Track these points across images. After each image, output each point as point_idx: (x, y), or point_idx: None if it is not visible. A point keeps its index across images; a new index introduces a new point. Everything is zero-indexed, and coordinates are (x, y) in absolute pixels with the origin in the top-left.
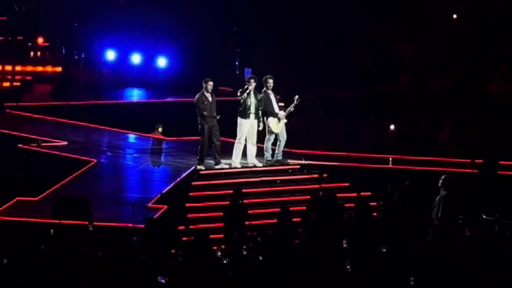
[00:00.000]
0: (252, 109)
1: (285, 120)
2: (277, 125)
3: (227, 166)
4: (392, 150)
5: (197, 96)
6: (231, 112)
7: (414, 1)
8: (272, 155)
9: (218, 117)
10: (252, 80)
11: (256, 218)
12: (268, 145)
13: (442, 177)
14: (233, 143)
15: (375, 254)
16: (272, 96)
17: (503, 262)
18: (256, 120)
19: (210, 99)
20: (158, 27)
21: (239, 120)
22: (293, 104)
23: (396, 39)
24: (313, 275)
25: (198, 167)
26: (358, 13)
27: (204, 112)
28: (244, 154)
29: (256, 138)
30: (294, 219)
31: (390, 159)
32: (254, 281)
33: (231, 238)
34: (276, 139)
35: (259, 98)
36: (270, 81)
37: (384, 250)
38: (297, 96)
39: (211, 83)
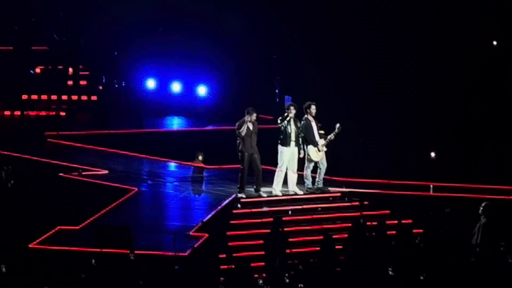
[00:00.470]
0: (293, 137)
1: (325, 149)
2: (317, 154)
3: (267, 194)
4: (433, 177)
5: (238, 124)
6: (271, 140)
7: (454, 25)
8: (313, 183)
9: None
10: (292, 108)
11: (297, 246)
12: (308, 172)
13: (483, 204)
14: (274, 171)
15: (417, 281)
16: (313, 124)
17: None
18: (296, 148)
19: (251, 128)
20: (198, 56)
21: (280, 148)
22: (334, 132)
23: (436, 65)
24: None
25: (239, 195)
26: (396, 39)
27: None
28: (285, 182)
29: (296, 165)
30: (336, 247)
31: (431, 186)
32: None
33: (272, 266)
34: (316, 167)
35: (299, 125)
36: (313, 107)
37: (422, 277)
38: (338, 125)
39: (255, 114)
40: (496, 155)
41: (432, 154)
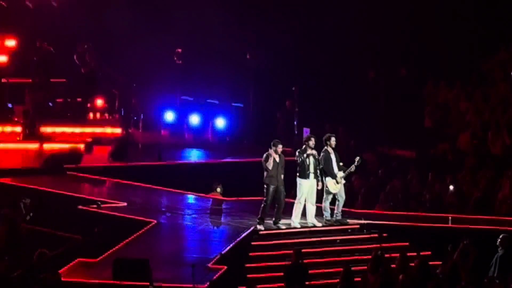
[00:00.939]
0: (311, 169)
1: (344, 181)
2: (335, 186)
3: (285, 227)
4: (452, 209)
5: (265, 156)
6: (290, 172)
7: (472, 59)
8: (332, 215)
9: None
10: (310, 141)
11: (316, 278)
12: (326, 204)
13: (501, 236)
14: (293, 203)
15: None
16: (333, 156)
17: None
18: (315, 180)
19: (278, 160)
20: (217, 88)
21: (299, 180)
22: (353, 165)
23: (455, 97)
24: None
25: (258, 227)
26: (413, 72)
27: (271, 173)
28: (304, 214)
29: (315, 197)
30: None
31: (450, 218)
32: None
33: None
34: (334, 199)
35: (317, 157)
36: (333, 139)
37: None
38: (358, 158)
39: (280, 146)
40: None
41: (451, 187)
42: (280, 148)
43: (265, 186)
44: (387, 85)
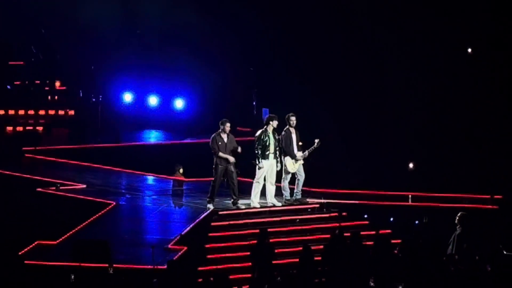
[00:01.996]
0: (271, 149)
1: (302, 162)
2: (293, 165)
3: (244, 207)
4: (412, 187)
5: (212, 136)
6: (249, 152)
7: (428, 35)
8: (292, 194)
9: (239, 149)
10: (273, 121)
11: (277, 258)
12: (285, 184)
13: (459, 214)
14: (252, 183)
15: None
16: (293, 135)
17: None
18: (275, 160)
19: (225, 140)
20: (176, 68)
21: (258, 160)
22: (312, 147)
23: (414, 76)
24: None
25: (208, 205)
26: (376, 51)
27: (220, 153)
28: (263, 194)
29: (275, 177)
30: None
31: (410, 196)
32: None
33: (252, 278)
34: (294, 178)
35: (277, 137)
36: (293, 118)
37: (400, 287)
38: (317, 140)
39: (228, 124)
40: (473, 165)
41: (410, 165)
42: (228, 126)
43: (213, 166)
44: (344, 61)
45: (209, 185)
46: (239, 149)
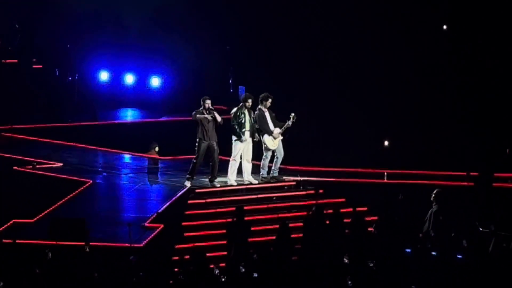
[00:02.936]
0: (247, 127)
1: (281, 137)
2: (273, 142)
3: (219, 185)
4: (387, 164)
5: (194, 113)
6: (225, 130)
7: (404, 13)
8: (268, 172)
9: (219, 119)
10: (249, 100)
11: (253, 235)
12: (265, 162)
13: (434, 191)
14: (228, 160)
15: (370, 269)
16: (267, 114)
17: (500, 274)
18: (250, 138)
19: (208, 117)
20: (152, 47)
21: (234, 138)
22: (288, 122)
23: (389, 53)
24: None
25: (186, 183)
26: (350, 29)
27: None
28: (240, 172)
29: (251, 155)
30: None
31: (385, 173)
32: None
33: (229, 255)
34: (273, 156)
35: (253, 116)
36: (269, 100)
37: (371, 264)
38: (293, 114)
39: (208, 101)
40: (448, 142)
41: (386, 142)
42: (208, 102)
43: (197, 141)
44: (319, 40)
45: (185, 163)
46: (219, 119)
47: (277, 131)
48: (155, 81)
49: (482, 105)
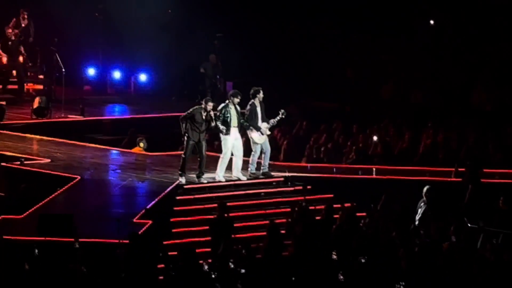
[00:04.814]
0: (234, 123)
1: (268, 132)
2: (260, 137)
3: (206, 181)
4: (376, 160)
5: (190, 111)
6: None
7: (394, 9)
8: (258, 168)
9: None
10: (238, 96)
11: (241, 232)
12: (254, 158)
13: (425, 188)
14: (219, 157)
15: (361, 264)
16: (259, 109)
17: (488, 270)
18: (239, 134)
19: (204, 116)
20: (139, 43)
21: (222, 136)
22: (277, 118)
23: (377, 49)
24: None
25: (180, 179)
26: (337, 24)
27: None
28: (229, 168)
29: (242, 151)
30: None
31: (374, 169)
32: None
33: (217, 252)
34: (261, 153)
35: (240, 111)
36: (261, 93)
37: (363, 260)
38: (282, 110)
39: (210, 104)
40: (438, 138)
41: (375, 138)
42: (210, 105)
43: (185, 138)
44: (309, 37)
45: (173, 159)
46: (213, 124)
47: (265, 125)
48: (143, 77)
49: (471, 101)
